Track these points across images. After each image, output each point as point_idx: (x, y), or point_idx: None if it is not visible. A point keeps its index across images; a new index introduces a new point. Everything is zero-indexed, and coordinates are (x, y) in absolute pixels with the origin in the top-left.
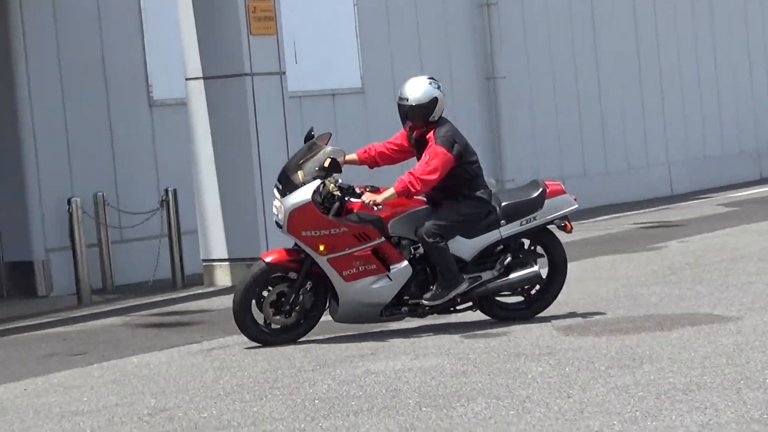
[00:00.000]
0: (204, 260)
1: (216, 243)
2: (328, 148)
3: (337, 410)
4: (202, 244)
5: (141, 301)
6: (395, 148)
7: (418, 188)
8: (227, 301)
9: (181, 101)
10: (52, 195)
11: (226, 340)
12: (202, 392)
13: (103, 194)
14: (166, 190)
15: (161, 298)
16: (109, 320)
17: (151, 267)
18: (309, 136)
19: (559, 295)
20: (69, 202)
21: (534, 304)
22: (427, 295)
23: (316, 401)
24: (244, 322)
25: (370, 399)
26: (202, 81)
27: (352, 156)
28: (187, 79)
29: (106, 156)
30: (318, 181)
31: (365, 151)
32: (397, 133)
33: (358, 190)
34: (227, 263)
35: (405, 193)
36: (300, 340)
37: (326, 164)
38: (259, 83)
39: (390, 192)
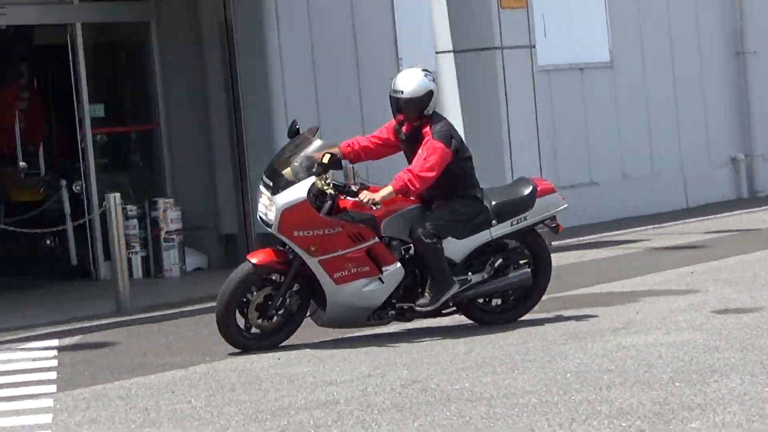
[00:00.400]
0: None
1: None
2: (318, 142)
3: (590, 384)
4: None
5: None
6: (380, 142)
7: (418, 186)
8: None
9: None
10: None
11: None
12: (453, 364)
13: (353, 167)
14: None
15: None
16: None
17: None
18: (293, 131)
19: None
20: None
21: (518, 306)
22: (422, 301)
23: (568, 375)
24: (227, 326)
25: (623, 373)
26: (452, 54)
27: (335, 150)
28: (437, 53)
29: (356, 129)
30: (313, 178)
31: (349, 145)
32: (382, 127)
33: (354, 188)
34: None
35: (403, 192)
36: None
37: (324, 160)
38: (509, 57)
39: (388, 190)
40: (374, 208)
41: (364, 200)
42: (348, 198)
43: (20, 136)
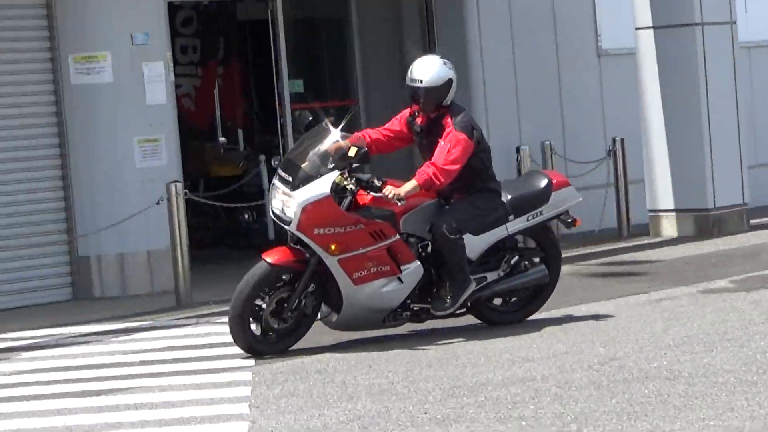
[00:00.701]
0: (650, 210)
1: (663, 193)
2: (337, 133)
3: None
4: (648, 194)
5: (587, 251)
6: (392, 135)
7: (443, 180)
8: (673, 252)
9: (630, 51)
10: (500, 143)
11: (673, 291)
12: (651, 342)
13: (550, 143)
14: (614, 140)
15: (607, 248)
16: None
17: (597, 216)
18: (309, 124)
19: None
20: (518, 150)
21: (528, 305)
22: (444, 305)
23: None
24: (242, 330)
25: None
26: (651, 31)
27: (359, 142)
28: (636, 29)
29: (554, 105)
30: (336, 172)
31: (359, 138)
32: (394, 119)
33: (377, 183)
34: (673, 214)
35: (428, 186)
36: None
37: (351, 153)
38: (709, 33)
39: (413, 184)
40: (399, 203)
41: (390, 195)
42: (371, 193)
43: (220, 112)
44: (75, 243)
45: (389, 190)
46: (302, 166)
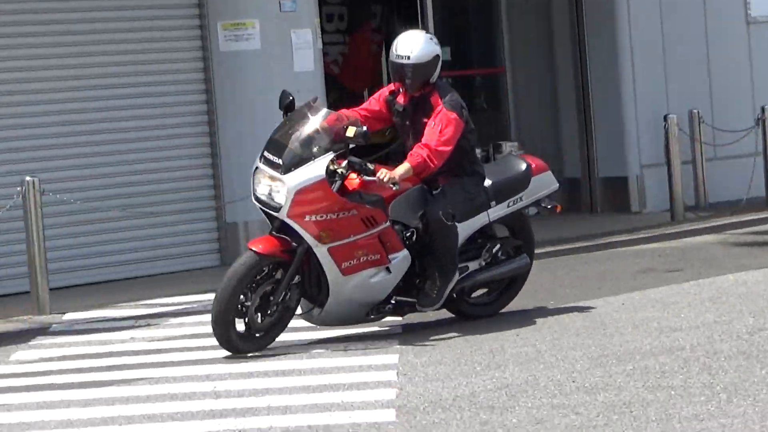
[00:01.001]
0: None
1: None
2: (324, 111)
3: None
4: None
5: (734, 219)
6: (369, 115)
7: (436, 162)
8: None
9: None
10: (648, 112)
11: None
12: None
13: (698, 111)
14: (762, 108)
15: (755, 217)
16: (703, 237)
17: (745, 185)
18: (287, 103)
19: None
20: (665, 118)
21: (501, 297)
22: (431, 299)
23: None
24: (226, 326)
25: None
26: None
27: (352, 120)
28: None
29: (702, 73)
30: (331, 154)
31: (337, 119)
32: (372, 98)
33: (370, 166)
34: None
35: (421, 169)
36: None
37: (349, 133)
38: None
39: (406, 167)
40: (394, 187)
41: (385, 179)
42: (363, 177)
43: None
44: (223, 209)
45: (384, 174)
46: (291, 147)
